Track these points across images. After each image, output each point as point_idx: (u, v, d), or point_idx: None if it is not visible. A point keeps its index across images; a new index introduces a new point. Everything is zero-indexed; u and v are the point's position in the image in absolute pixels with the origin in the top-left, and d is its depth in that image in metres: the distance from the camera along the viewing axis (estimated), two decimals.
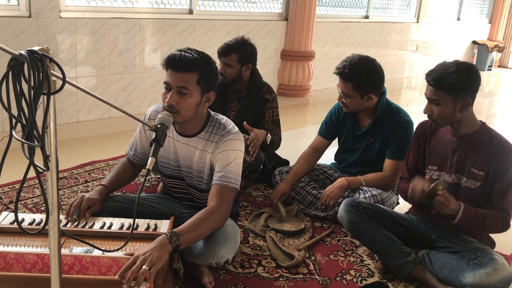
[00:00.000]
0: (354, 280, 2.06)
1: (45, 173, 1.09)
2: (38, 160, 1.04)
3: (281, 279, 2.02)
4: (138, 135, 2.06)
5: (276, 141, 2.83)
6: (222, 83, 2.75)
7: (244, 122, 2.64)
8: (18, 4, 3.57)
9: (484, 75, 8.90)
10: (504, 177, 1.95)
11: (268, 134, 2.72)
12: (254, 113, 2.86)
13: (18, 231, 1.68)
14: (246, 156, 2.51)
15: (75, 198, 1.85)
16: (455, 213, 1.92)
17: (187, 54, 1.77)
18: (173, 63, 1.77)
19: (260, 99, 2.84)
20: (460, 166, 2.03)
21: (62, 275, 1.21)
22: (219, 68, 2.40)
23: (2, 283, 1.52)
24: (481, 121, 2.05)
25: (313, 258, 2.20)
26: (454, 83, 1.90)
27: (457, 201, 1.93)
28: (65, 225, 1.76)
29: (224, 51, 2.75)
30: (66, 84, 1.04)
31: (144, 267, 1.46)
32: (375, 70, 2.43)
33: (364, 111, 2.54)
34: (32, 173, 1.04)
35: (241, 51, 2.75)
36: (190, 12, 4.71)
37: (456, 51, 9.07)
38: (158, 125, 1.51)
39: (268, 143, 2.71)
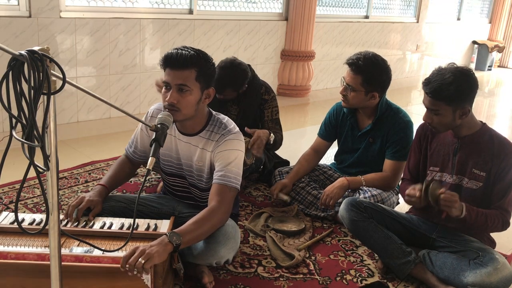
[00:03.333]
0: (354, 280, 2.06)
1: (45, 173, 1.09)
2: (38, 160, 1.04)
3: (281, 279, 2.02)
4: (139, 133, 2.06)
5: (279, 140, 2.82)
6: None
7: (246, 128, 2.63)
8: (18, 4, 3.57)
9: (484, 75, 8.90)
10: (505, 177, 1.95)
11: (271, 134, 2.71)
12: (254, 115, 2.85)
13: (18, 231, 1.68)
14: (246, 159, 2.51)
15: (75, 198, 1.86)
16: (460, 213, 1.92)
17: (183, 51, 1.77)
18: (171, 61, 1.77)
19: (259, 100, 2.84)
20: (462, 167, 2.03)
21: (62, 263, 1.21)
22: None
23: (7, 272, 1.52)
24: (481, 121, 2.05)
25: (313, 258, 2.20)
26: (453, 94, 1.89)
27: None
28: (65, 225, 1.76)
29: (219, 89, 2.52)
30: (66, 84, 1.04)
31: (140, 259, 1.47)
32: (386, 69, 2.44)
33: (364, 111, 2.54)
34: (32, 173, 1.04)
35: (234, 84, 2.67)
36: (190, 12, 4.71)
37: (456, 51, 9.07)
38: (158, 125, 1.52)
39: (271, 142, 2.71)
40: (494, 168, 1.96)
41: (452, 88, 1.88)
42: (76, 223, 1.77)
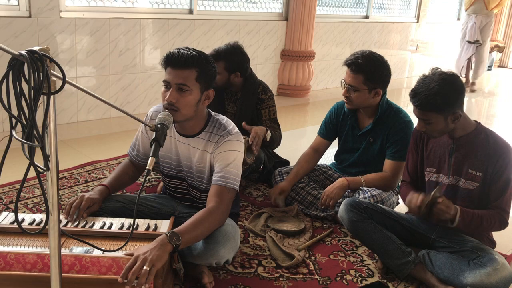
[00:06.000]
0: (354, 280, 2.06)
1: (45, 173, 1.09)
2: (38, 160, 1.04)
3: (281, 279, 2.02)
4: (140, 136, 2.06)
5: (277, 138, 2.82)
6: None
7: (243, 123, 2.63)
8: (18, 4, 3.57)
9: (484, 75, 8.88)
10: (501, 176, 1.95)
11: (268, 131, 2.70)
12: (251, 114, 2.85)
13: (18, 231, 1.68)
14: (246, 158, 2.50)
15: (75, 198, 1.86)
16: (453, 218, 1.92)
17: (185, 51, 1.79)
18: (172, 60, 1.78)
19: (255, 99, 2.84)
20: (458, 168, 2.04)
21: (62, 275, 1.21)
22: None
23: (2, 282, 1.52)
24: (476, 121, 2.05)
25: (313, 258, 2.20)
26: (441, 104, 1.88)
27: (454, 205, 1.94)
28: (65, 225, 1.76)
29: (212, 57, 2.66)
30: (66, 84, 1.04)
31: (144, 267, 1.46)
32: (385, 64, 2.45)
33: (365, 110, 2.54)
34: (32, 173, 1.04)
35: (229, 59, 2.68)
36: (190, 12, 4.71)
37: (456, 51, 9.05)
38: (158, 125, 1.52)
39: (268, 140, 2.70)
40: (490, 168, 1.96)
41: (439, 98, 1.87)
42: (76, 223, 1.77)
